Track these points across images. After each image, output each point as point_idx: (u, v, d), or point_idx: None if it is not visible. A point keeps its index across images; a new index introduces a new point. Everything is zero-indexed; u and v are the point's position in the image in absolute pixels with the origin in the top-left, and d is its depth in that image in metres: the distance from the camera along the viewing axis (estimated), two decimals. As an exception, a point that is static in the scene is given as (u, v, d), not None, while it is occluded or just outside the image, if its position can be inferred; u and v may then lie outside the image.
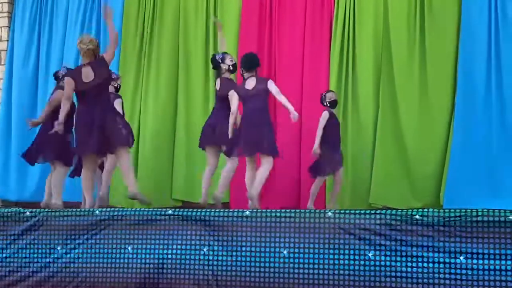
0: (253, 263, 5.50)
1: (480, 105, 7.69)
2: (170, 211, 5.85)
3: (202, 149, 7.32)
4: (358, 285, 5.24)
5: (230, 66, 7.23)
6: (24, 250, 6.10)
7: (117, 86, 7.69)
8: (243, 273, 5.51)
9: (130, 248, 5.84)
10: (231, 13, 8.81)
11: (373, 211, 5.39)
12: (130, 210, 6.04)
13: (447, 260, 5.06)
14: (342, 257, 5.30)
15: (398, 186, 7.94)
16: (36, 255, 6.06)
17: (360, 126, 8.22)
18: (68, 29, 9.37)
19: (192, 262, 5.66)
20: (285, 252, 5.45)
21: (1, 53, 9.65)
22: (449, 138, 7.86)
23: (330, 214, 5.41)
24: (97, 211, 6.02)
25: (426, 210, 5.24)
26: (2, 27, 9.67)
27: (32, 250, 6.08)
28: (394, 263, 5.19)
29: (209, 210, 5.82)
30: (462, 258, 5.03)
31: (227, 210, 5.97)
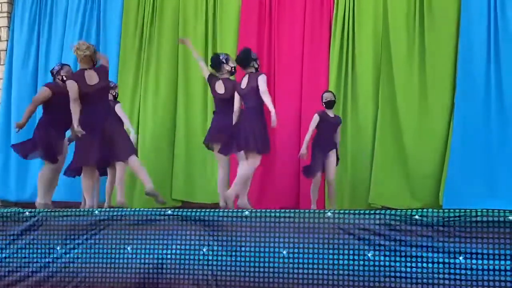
0: (252, 263, 5.50)
1: (479, 105, 7.69)
2: (169, 211, 5.85)
3: (210, 149, 7.30)
4: (358, 285, 5.24)
5: (232, 68, 7.18)
6: (23, 250, 6.10)
7: (115, 95, 7.72)
8: (243, 273, 5.51)
9: (129, 248, 5.84)
10: (231, 12, 8.80)
11: (372, 211, 5.40)
12: (129, 210, 6.04)
13: (447, 260, 5.06)
14: (341, 257, 5.31)
15: (397, 186, 7.94)
16: (35, 255, 6.06)
17: (359, 126, 8.21)
18: (67, 29, 9.37)
19: (191, 262, 5.66)
20: (284, 252, 5.45)
21: (0, 53, 9.65)
22: (448, 138, 7.85)
23: (329, 214, 5.41)
24: (96, 211, 6.02)
25: (425, 210, 5.24)
26: (1, 27, 9.67)
27: (31, 250, 6.08)
28: (393, 263, 5.19)
29: (208, 210, 5.82)
30: (461, 258, 5.04)
31: (227, 210, 5.96)
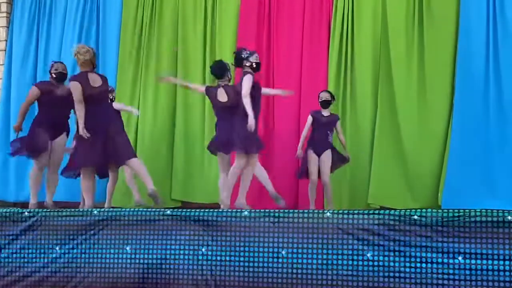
0: (251, 263, 5.50)
1: (478, 105, 7.69)
2: (168, 211, 5.85)
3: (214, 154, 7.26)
4: (357, 285, 5.24)
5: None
6: (22, 250, 6.09)
7: (112, 98, 7.73)
8: (242, 273, 5.51)
9: (128, 248, 5.84)
10: (230, 12, 8.81)
11: (371, 211, 5.40)
12: (128, 210, 6.04)
13: (445, 260, 5.07)
14: (340, 257, 5.31)
15: (396, 186, 7.95)
16: (34, 255, 6.06)
17: (358, 126, 8.22)
18: (66, 29, 9.38)
19: (190, 262, 5.66)
20: (283, 252, 5.45)
21: (-1, 53, 9.68)
22: (447, 138, 7.86)
23: (328, 214, 5.41)
24: (95, 211, 6.02)
25: (424, 210, 5.25)
26: (0, 27, 9.67)
27: (30, 250, 6.07)
28: (392, 263, 5.19)
29: (207, 210, 5.82)
30: (460, 258, 5.04)
31: (226, 210, 5.96)
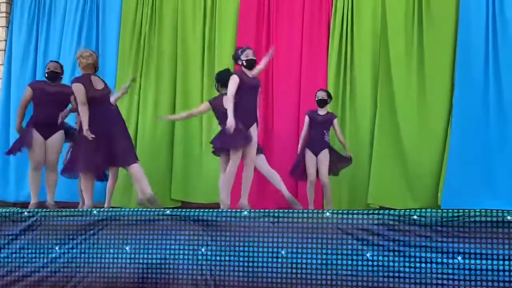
0: (251, 263, 5.50)
1: (478, 105, 7.69)
2: (168, 211, 5.85)
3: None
4: (356, 285, 5.24)
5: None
6: (22, 250, 6.10)
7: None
8: (241, 273, 5.51)
9: (128, 248, 5.84)
10: (229, 12, 8.80)
11: (371, 211, 5.40)
12: (128, 210, 6.04)
13: (445, 260, 5.07)
14: (340, 257, 5.31)
15: (396, 186, 7.95)
16: (34, 255, 6.06)
17: (358, 126, 8.22)
18: (66, 29, 9.37)
19: (190, 262, 5.66)
20: (283, 252, 5.45)
21: (-1, 53, 9.67)
22: (447, 139, 7.86)
23: (328, 214, 5.41)
24: (95, 211, 6.02)
25: (424, 210, 5.25)
26: (0, 27, 9.67)
27: (30, 250, 6.07)
28: (392, 263, 5.19)
29: (207, 210, 5.82)
30: (459, 258, 5.04)
31: (225, 210, 5.96)
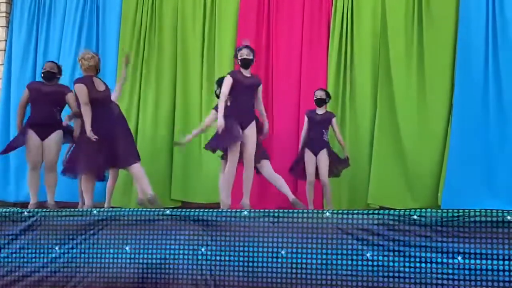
0: (251, 263, 5.50)
1: (478, 104, 7.69)
2: (168, 211, 5.85)
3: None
4: (356, 285, 5.24)
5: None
6: (22, 250, 6.10)
7: None
8: (241, 273, 5.51)
9: (128, 248, 5.84)
10: (229, 11, 8.80)
11: (371, 211, 5.40)
12: (128, 210, 6.04)
13: (445, 260, 5.07)
14: (340, 257, 5.31)
15: (396, 186, 7.94)
16: (34, 255, 6.06)
17: (358, 126, 8.22)
18: (65, 29, 9.37)
19: (190, 262, 5.66)
20: (283, 252, 5.45)
21: (-1, 53, 9.68)
22: (447, 138, 7.86)
23: (328, 214, 5.41)
24: (94, 211, 6.02)
25: (424, 210, 5.25)
26: (0, 27, 9.67)
27: (30, 250, 6.07)
28: (392, 263, 5.19)
29: (207, 210, 5.82)
30: (459, 258, 5.04)
31: (225, 210, 5.96)
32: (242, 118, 6.55)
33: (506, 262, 4.91)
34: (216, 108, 7.21)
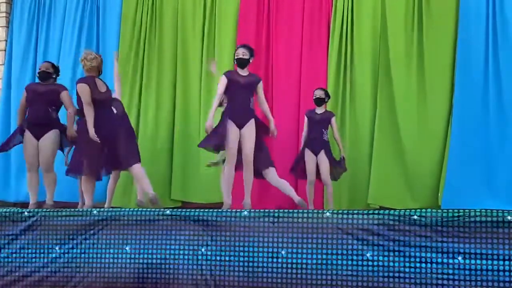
0: (251, 263, 5.50)
1: (478, 105, 7.70)
2: (168, 211, 5.84)
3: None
4: (356, 285, 5.23)
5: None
6: (22, 250, 6.09)
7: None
8: (241, 273, 5.51)
9: (128, 248, 5.84)
10: (229, 12, 8.81)
11: (371, 211, 5.39)
12: (128, 210, 6.03)
13: (445, 260, 5.06)
14: (340, 257, 5.30)
15: (396, 186, 7.95)
16: (34, 255, 6.06)
17: (358, 126, 8.23)
18: (65, 29, 9.39)
19: (190, 262, 5.66)
20: (283, 252, 5.45)
21: (-1, 53, 9.68)
22: (447, 138, 7.86)
23: (328, 214, 5.41)
24: (95, 211, 6.02)
25: (424, 210, 5.24)
26: (0, 27, 9.67)
27: (30, 250, 6.07)
28: (392, 263, 5.19)
29: (207, 210, 5.81)
30: (460, 258, 5.03)
31: (225, 210, 5.96)
32: (238, 118, 6.53)
33: (507, 263, 4.90)
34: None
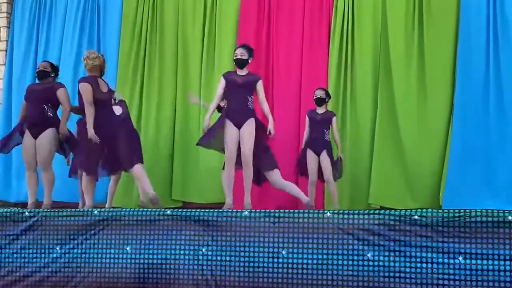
0: (251, 263, 5.50)
1: (479, 105, 7.69)
2: (168, 211, 5.84)
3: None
4: (357, 285, 5.23)
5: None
6: (23, 250, 6.09)
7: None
8: (242, 273, 5.51)
9: (128, 248, 5.84)
10: (230, 11, 8.81)
11: (372, 211, 5.39)
12: (128, 210, 6.03)
13: (446, 260, 5.06)
14: (341, 257, 5.30)
15: (397, 186, 7.95)
16: (35, 255, 6.06)
17: (358, 126, 8.23)
18: (66, 29, 9.38)
19: (191, 262, 5.66)
20: (284, 252, 5.45)
21: (0, 53, 9.66)
22: (448, 138, 7.86)
23: (329, 214, 5.41)
24: (95, 211, 6.02)
25: (425, 210, 5.23)
26: (1, 27, 9.68)
27: (31, 250, 6.07)
28: (393, 264, 5.19)
29: (207, 210, 5.81)
30: (460, 258, 5.03)
31: (226, 210, 5.96)
32: (236, 118, 6.54)
33: (508, 263, 4.90)
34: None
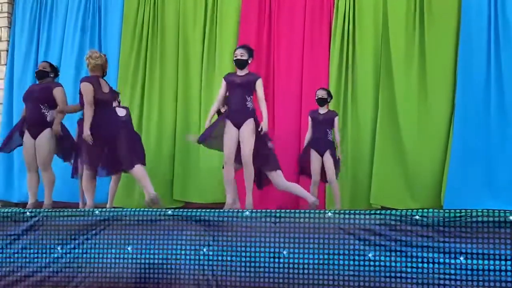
0: (253, 263, 5.50)
1: (480, 105, 7.69)
2: (170, 212, 5.84)
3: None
4: (358, 285, 5.23)
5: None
6: (24, 250, 6.09)
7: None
8: (243, 273, 5.51)
9: (130, 248, 5.84)
10: (230, 12, 8.80)
11: (373, 211, 5.39)
12: (130, 210, 6.03)
13: (447, 260, 5.06)
14: (342, 257, 5.30)
15: (398, 186, 7.94)
16: (36, 255, 6.06)
17: (359, 126, 8.22)
18: (67, 29, 9.38)
19: (192, 262, 5.66)
20: (285, 252, 5.45)
21: (1, 53, 9.66)
22: (449, 139, 7.86)
23: (330, 214, 5.41)
24: (96, 211, 6.02)
25: (426, 210, 5.24)
26: (2, 27, 9.68)
27: (32, 250, 6.07)
28: (394, 264, 5.19)
29: (208, 210, 5.82)
30: (462, 258, 5.03)
31: (227, 210, 5.96)
32: (235, 118, 6.55)
33: (509, 263, 4.90)
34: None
